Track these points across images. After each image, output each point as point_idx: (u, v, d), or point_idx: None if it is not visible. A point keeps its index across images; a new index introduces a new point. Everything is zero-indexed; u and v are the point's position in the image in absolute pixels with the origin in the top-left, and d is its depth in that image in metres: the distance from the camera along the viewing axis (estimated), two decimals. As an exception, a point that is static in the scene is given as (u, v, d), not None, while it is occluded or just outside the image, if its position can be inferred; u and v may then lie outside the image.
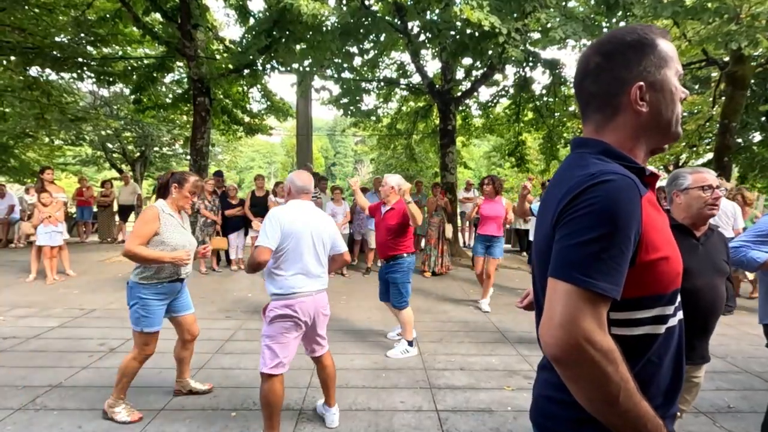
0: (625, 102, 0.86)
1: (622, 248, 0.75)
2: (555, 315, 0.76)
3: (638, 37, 0.87)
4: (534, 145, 14.74)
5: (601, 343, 0.74)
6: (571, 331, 0.74)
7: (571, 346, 0.74)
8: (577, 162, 0.87)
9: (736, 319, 5.10)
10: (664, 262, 0.82)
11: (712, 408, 2.99)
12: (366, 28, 7.65)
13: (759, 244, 2.22)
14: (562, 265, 0.78)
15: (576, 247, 0.76)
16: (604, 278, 0.74)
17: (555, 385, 0.88)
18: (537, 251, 0.91)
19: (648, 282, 0.82)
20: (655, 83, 0.86)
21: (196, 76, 8.78)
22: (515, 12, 6.52)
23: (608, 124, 0.89)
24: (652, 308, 0.84)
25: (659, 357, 0.86)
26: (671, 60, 0.87)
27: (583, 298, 0.74)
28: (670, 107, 0.87)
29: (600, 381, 0.74)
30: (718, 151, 9.11)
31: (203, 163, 9.17)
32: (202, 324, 4.58)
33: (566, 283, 0.76)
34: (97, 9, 9.67)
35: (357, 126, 12.88)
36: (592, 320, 0.74)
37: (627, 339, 0.82)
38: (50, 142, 15.12)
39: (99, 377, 3.28)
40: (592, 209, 0.76)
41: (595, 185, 0.77)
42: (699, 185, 1.87)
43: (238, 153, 27.66)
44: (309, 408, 2.89)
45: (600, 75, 0.89)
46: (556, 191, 0.85)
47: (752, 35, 5.78)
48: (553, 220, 0.83)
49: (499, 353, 3.97)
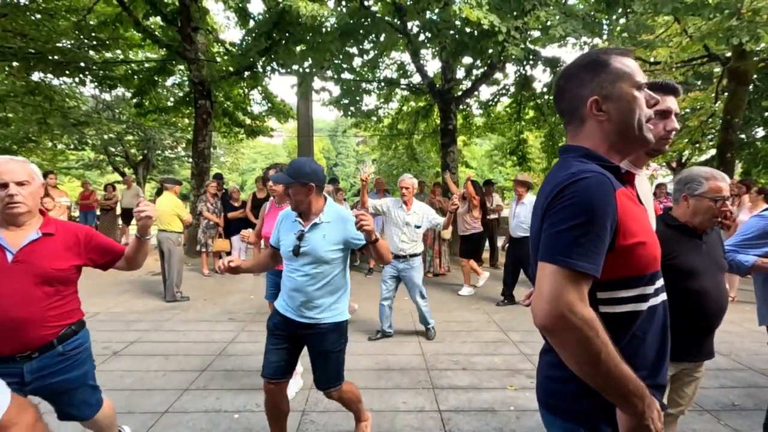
0: (587, 114, 1.03)
1: (599, 233, 0.88)
2: (543, 292, 0.89)
3: (590, 60, 1.04)
4: (536, 144, 14.70)
5: (582, 312, 0.86)
6: (556, 304, 0.86)
7: (556, 317, 0.86)
8: (562, 165, 1.01)
9: (740, 316, 5.08)
10: (641, 247, 0.95)
11: (717, 406, 2.97)
12: (365, 29, 7.65)
13: (746, 248, 2.22)
14: (548, 250, 0.92)
15: (559, 234, 0.90)
16: (583, 259, 0.87)
17: (554, 364, 1.01)
18: (532, 244, 1.05)
19: (627, 264, 0.94)
20: (609, 96, 1.00)
21: (197, 79, 8.80)
22: (515, 10, 6.51)
23: (580, 133, 1.05)
24: (634, 288, 0.96)
25: (643, 332, 0.98)
26: (625, 74, 1.01)
27: (566, 276, 0.87)
28: (630, 114, 1.00)
29: (584, 344, 0.86)
30: (721, 147, 9.05)
31: (205, 166, 9.19)
32: (205, 326, 4.61)
33: (552, 265, 0.89)
34: (98, 13, 9.70)
35: (358, 126, 12.89)
36: (575, 294, 0.87)
37: (613, 316, 0.95)
38: (53, 147, 15.18)
39: (102, 380, 3.28)
40: (571, 202, 0.90)
41: (575, 182, 0.91)
42: (712, 196, 1.79)
43: (239, 155, 27.74)
44: (312, 409, 2.90)
45: (564, 94, 1.08)
46: (545, 189, 0.99)
47: (753, 30, 5.74)
48: (541, 215, 0.97)
49: (501, 353, 3.96)
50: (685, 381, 1.87)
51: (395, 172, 19.09)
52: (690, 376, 1.87)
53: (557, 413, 1.04)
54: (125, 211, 10.59)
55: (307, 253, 2.10)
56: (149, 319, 4.84)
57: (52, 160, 15.82)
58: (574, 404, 1.00)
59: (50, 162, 15.57)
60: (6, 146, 13.27)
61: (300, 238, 2.11)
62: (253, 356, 3.78)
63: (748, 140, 12.55)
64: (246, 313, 5.22)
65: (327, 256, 2.11)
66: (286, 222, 2.25)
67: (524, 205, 5.51)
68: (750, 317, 4.99)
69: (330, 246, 2.11)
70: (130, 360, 3.71)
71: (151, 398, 3.01)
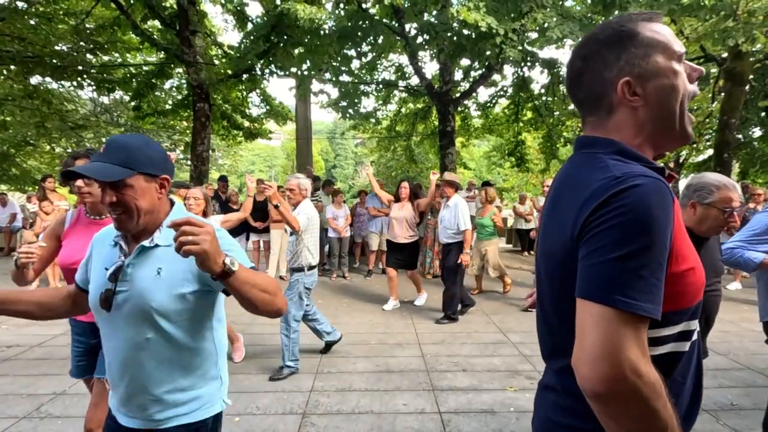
0: (616, 101, 0.81)
1: (660, 261, 0.67)
2: (593, 344, 0.66)
3: (612, 32, 0.81)
4: (534, 145, 14.74)
5: (649, 374, 0.65)
6: (616, 363, 0.64)
7: (617, 381, 0.64)
8: (591, 163, 0.79)
9: (738, 315, 5.10)
10: (691, 273, 0.75)
11: (715, 405, 2.98)
12: (364, 31, 7.68)
13: (755, 244, 2.20)
14: (596, 285, 0.68)
15: (611, 263, 0.67)
16: (646, 298, 0.66)
17: (566, 409, 0.82)
18: (547, 257, 0.84)
19: (676, 295, 0.73)
20: (644, 74, 0.78)
21: (195, 82, 8.81)
22: (512, 12, 6.54)
23: (606, 124, 0.83)
24: (678, 324, 0.76)
25: (683, 376, 0.79)
26: (660, 43, 0.79)
27: (625, 323, 0.65)
28: (673, 95, 0.79)
29: (649, 418, 0.66)
30: (718, 147, 9.10)
31: (204, 168, 9.19)
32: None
33: (604, 306, 0.66)
34: (96, 17, 9.71)
35: (357, 128, 12.93)
36: (637, 348, 0.65)
37: (652, 360, 0.71)
38: (51, 150, 15.16)
39: (103, 384, 3.30)
40: (624, 218, 0.67)
41: (624, 190, 0.68)
42: (722, 207, 1.76)
43: (238, 157, 27.73)
44: (312, 412, 2.90)
45: (582, 78, 0.85)
46: (572, 195, 0.77)
47: (749, 31, 5.78)
48: (575, 231, 0.73)
49: (501, 354, 3.97)
50: None
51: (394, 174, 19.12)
52: None
53: None
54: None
55: (125, 303, 1.18)
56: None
57: (50, 163, 15.78)
58: None
59: (48, 165, 15.54)
60: (4, 150, 13.26)
61: (116, 276, 1.18)
62: (252, 359, 3.79)
63: (746, 140, 12.60)
64: (245, 315, 5.21)
65: (164, 306, 1.17)
66: (100, 248, 1.31)
67: (449, 208, 4.97)
68: (748, 317, 5.01)
69: (170, 289, 1.18)
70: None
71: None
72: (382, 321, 4.97)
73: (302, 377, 3.41)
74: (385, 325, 4.80)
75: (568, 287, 0.75)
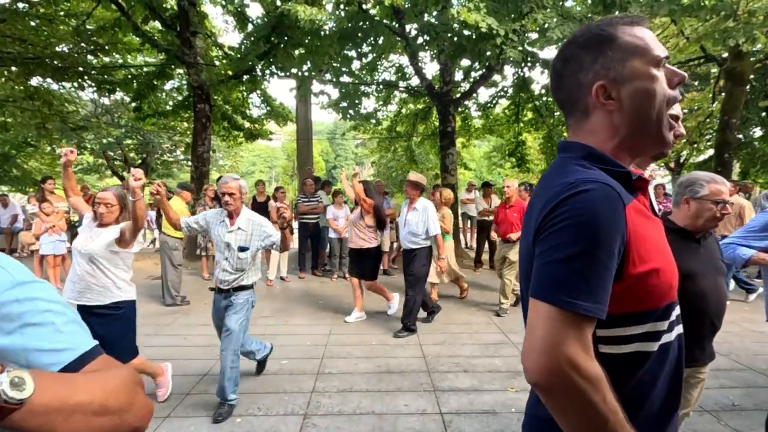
0: (592, 104, 0.82)
1: (606, 263, 0.70)
2: (536, 339, 0.71)
3: (591, 36, 0.82)
4: (534, 145, 14.74)
5: (588, 369, 0.68)
6: (554, 357, 0.68)
7: (554, 373, 0.68)
8: (560, 168, 0.83)
9: (740, 316, 5.09)
10: (655, 275, 0.76)
11: (717, 406, 2.98)
12: (364, 32, 7.68)
13: (750, 240, 2.29)
14: (541, 285, 0.73)
15: (556, 264, 0.71)
16: (588, 298, 0.69)
17: (540, 401, 0.83)
18: (520, 260, 0.89)
19: (637, 296, 0.76)
20: (619, 78, 0.79)
21: (195, 83, 8.82)
22: (512, 13, 6.54)
23: (583, 127, 0.85)
24: (643, 324, 0.78)
25: (652, 376, 0.80)
26: (638, 48, 0.79)
27: (567, 320, 0.69)
28: (648, 99, 0.79)
29: (586, 411, 0.69)
30: (719, 147, 9.09)
31: (204, 169, 9.20)
32: (205, 330, 4.61)
33: (547, 305, 0.71)
34: (97, 18, 9.73)
35: (357, 129, 12.93)
36: (577, 344, 0.69)
37: (616, 357, 0.77)
38: (52, 151, 15.19)
39: (104, 385, 3.29)
40: (570, 222, 0.71)
41: (573, 196, 0.72)
42: (714, 199, 1.84)
43: (239, 158, 27.72)
44: (314, 413, 2.90)
45: (561, 81, 0.87)
46: (538, 200, 0.80)
47: (750, 32, 5.78)
48: (533, 234, 0.78)
49: (502, 354, 3.97)
50: (691, 383, 1.89)
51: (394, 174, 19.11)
52: (695, 377, 1.90)
53: None
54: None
55: None
56: (150, 324, 4.84)
57: (50, 164, 15.83)
58: None
59: (49, 167, 15.58)
60: (5, 151, 13.28)
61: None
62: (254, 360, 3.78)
63: (746, 140, 12.60)
64: (246, 316, 5.21)
65: None
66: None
67: (416, 212, 4.62)
68: (749, 317, 5.01)
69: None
70: (131, 365, 3.71)
71: (153, 402, 3.00)
72: (382, 322, 4.97)
73: (303, 378, 3.41)
74: (386, 326, 4.80)
75: None
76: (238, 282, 2.99)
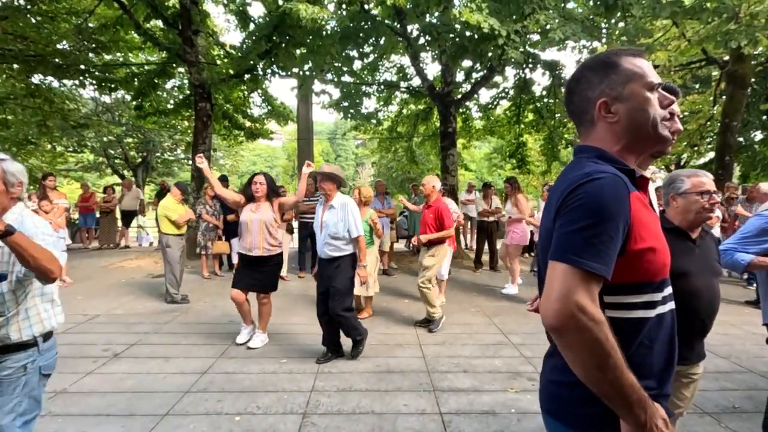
0: (596, 116, 1.03)
1: (611, 234, 0.87)
2: (553, 291, 0.88)
3: (599, 62, 1.03)
4: (535, 147, 14.73)
5: (593, 313, 0.85)
6: (566, 303, 0.85)
7: (566, 316, 0.85)
8: (577, 164, 1.01)
9: (740, 318, 5.09)
10: (651, 252, 0.94)
11: (717, 408, 2.98)
12: (366, 32, 7.68)
13: (746, 246, 2.27)
14: (559, 249, 0.91)
15: (571, 233, 0.89)
16: (594, 259, 0.86)
17: (560, 368, 0.99)
18: (541, 245, 1.04)
19: (637, 269, 0.94)
20: (619, 97, 1.00)
21: (197, 82, 8.82)
22: (514, 14, 6.54)
23: (591, 134, 1.05)
24: (642, 294, 0.96)
25: (650, 340, 0.97)
26: (636, 75, 1.00)
27: (577, 276, 0.86)
28: (641, 115, 0.99)
29: (592, 346, 0.85)
30: (720, 150, 9.10)
31: (205, 168, 9.18)
32: (205, 329, 4.60)
33: (562, 264, 0.88)
34: (99, 16, 9.73)
35: (358, 129, 12.92)
36: (585, 294, 0.85)
37: (620, 321, 0.94)
38: (52, 149, 15.18)
39: (103, 383, 3.29)
40: (584, 201, 0.89)
41: (588, 182, 0.90)
42: (697, 191, 1.86)
43: (239, 157, 27.73)
44: (313, 412, 2.89)
45: (573, 96, 1.08)
46: (557, 190, 0.99)
47: (752, 34, 5.78)
48: (553, 214, 0.96)
49: (502, 355, 3.96)
50: (683, 383, 1.87)
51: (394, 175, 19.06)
52: (688, 377, 1.88)
53: (562, 418, 1.02)
54: (125, 213, 10.57)
55: None
56: (150, 322, 4.83)
57: (51, 162, 15.82)
58: (580, 409, 0.98)
59: (49, 164, 15.57)
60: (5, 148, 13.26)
61: None
62: (253, 359, 3.78)
63: (747, 143, 12.60)
64: (246, 315, 5.20)
65: None
66: None
67: (334, 210, 3.77)
68: (749, 320, 5.00)
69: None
70: (130, 362, 3.70)
71: (151, 401, 3.00)
72: (382, 321, 4.96)
73: (303, 377, 3.40)
74: (386, 326, 4.80)
75: None
76: (10, 334, 1.69)
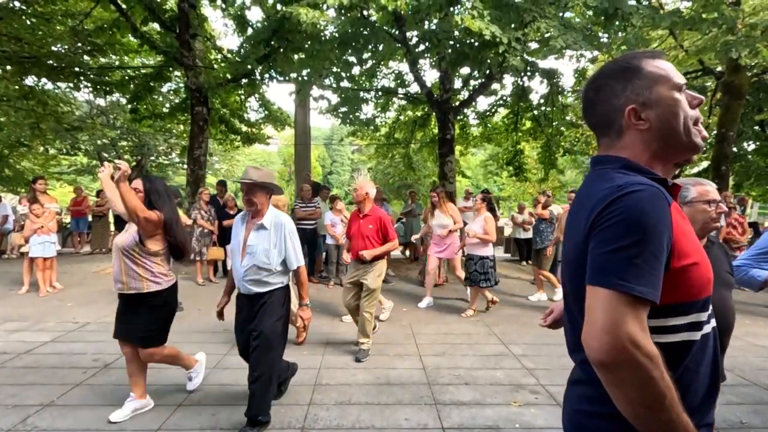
0: (625, 125, 0.94)
1: (655, 253, 0.79)
2: (598, 320, 0.79)
3: (620, 67, 0.96)
4: (532, 155, 14.78)
5: (647, 346, 0.76)
6: (616, 335, 0.76)
7: (617, 350, 0.76)
8: (601, 177, 0.92)
9: (742, 330, 5.04)
10: (695, 268, 0.86)
11: (725, 424, 2.91)
12: (365, 38, 7.65)
13: (761, 262, 2.21)
14: (599, 272, 0.81)
15: (611, 254, 0.80)
16: (641, 282, 0.77)
17: (590, 398, 0.92)
18: (566, 261, 0.97)
19: (681, 288, 0.85)
20: (647, 102, 0.92)
21: (193, 86, 8.74)
22: (514, 22, 6.54)
23: (617, 144, 0.96)
24: (687, 315, 0.87)
25: (696, 364, 0.88)
26: (662, 77, 0.93)
27: (624, 303, 0.77)
28: (673, 118, 0.92)
29: (645, 385, 0.76)
30: (716, 159, 9.15)
31: (200, 173, 9.09)
32: (199, 337, 4.48)
33: (606, 289, 0.79)
34: (95, 19, 9.65)
35: (355, 135, 12.89)
36: (636, 324, 0.77)
37: (664, 347, 0.83)
38: (45, 152, 15.00)
39: (93, 395, 3.17)
40: (623, 217, 0.80)
41: (625, 195, 0.81)
42: (704, 199, 1.84)
43: (235, 162, 27.58)
44: (311, 426, 2.79)
45: (595, 107, 1.00)
46: (585, 204, 0.90)
47: (752, 44, 5.81)
48: (585, 231, 0.87)
49: (503, 366, 3.88)
50: None
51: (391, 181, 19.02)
52: None
53: None
54: (118, 218, 10.42)
55: None
56: (141, 330, 4.70)
57: (44, 165, 15.64)
58: None
59: (42, 167, 15.38)
60: (-3, 150, 13.09)
61: None
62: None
63: (741, 153, 12.70)
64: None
65: None
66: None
67: (264, 232, 2.73)
68: (752, 331, 4.97)
69: None
70: (121, 373, 3.57)
71: (142, 415, 2.88)
72: (380, 331, 4.87)
73: (300, 390, 3.30)
74: (384, 335, 4.70)
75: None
76: None
